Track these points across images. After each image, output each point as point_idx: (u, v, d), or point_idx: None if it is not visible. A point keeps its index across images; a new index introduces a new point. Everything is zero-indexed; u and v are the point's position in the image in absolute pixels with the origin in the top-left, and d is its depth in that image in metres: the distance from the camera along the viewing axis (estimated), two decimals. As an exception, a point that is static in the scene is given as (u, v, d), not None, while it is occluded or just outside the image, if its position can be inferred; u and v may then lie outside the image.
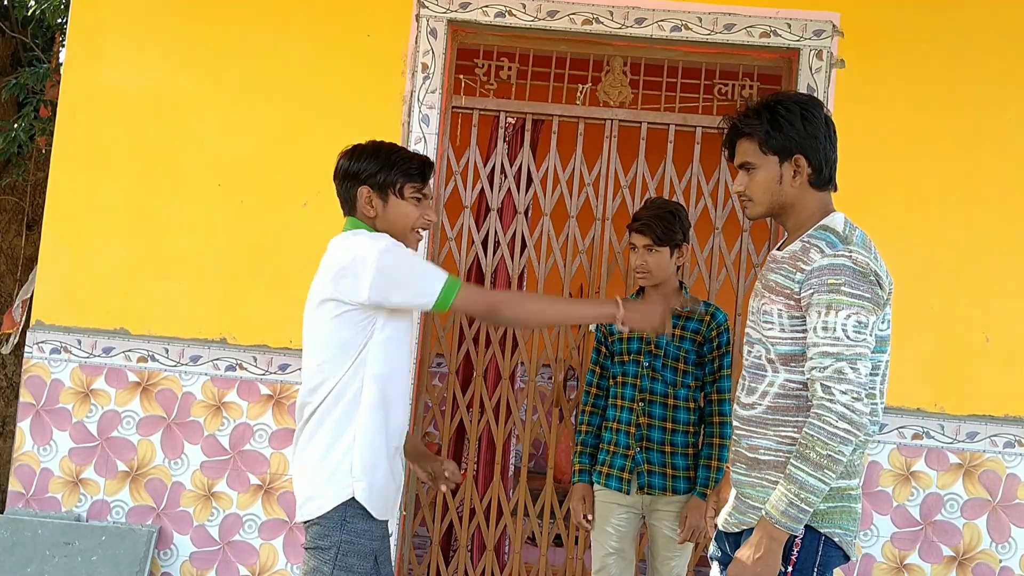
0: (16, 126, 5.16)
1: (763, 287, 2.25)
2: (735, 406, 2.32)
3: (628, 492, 3.16)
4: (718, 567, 2.36)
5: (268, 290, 3.70)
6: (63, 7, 5.18)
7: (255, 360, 3.71)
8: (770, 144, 2.20)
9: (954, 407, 3.61)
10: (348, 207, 2.51)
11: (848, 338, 2.06)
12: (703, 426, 3.22)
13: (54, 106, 4.29)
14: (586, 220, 3.92)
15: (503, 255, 3.97)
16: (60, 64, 4.66)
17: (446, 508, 3.93)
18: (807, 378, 2.11)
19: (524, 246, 3.97)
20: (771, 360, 2.20)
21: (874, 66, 3.69)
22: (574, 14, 3.75)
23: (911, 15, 3.71)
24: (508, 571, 3.93)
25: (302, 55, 3.76)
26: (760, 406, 2.21)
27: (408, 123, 3.72)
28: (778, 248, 2.30)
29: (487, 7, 3.76)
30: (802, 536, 2.11)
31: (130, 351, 3.72)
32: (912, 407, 3.61)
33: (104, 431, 3.71)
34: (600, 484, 3.23)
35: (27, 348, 3.73)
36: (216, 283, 3.72)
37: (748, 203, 2.28)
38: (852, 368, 2.05)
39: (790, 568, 2.10)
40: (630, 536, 3.22)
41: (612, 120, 3.91)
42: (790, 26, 3.70)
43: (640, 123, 3.92)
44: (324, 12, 3.77)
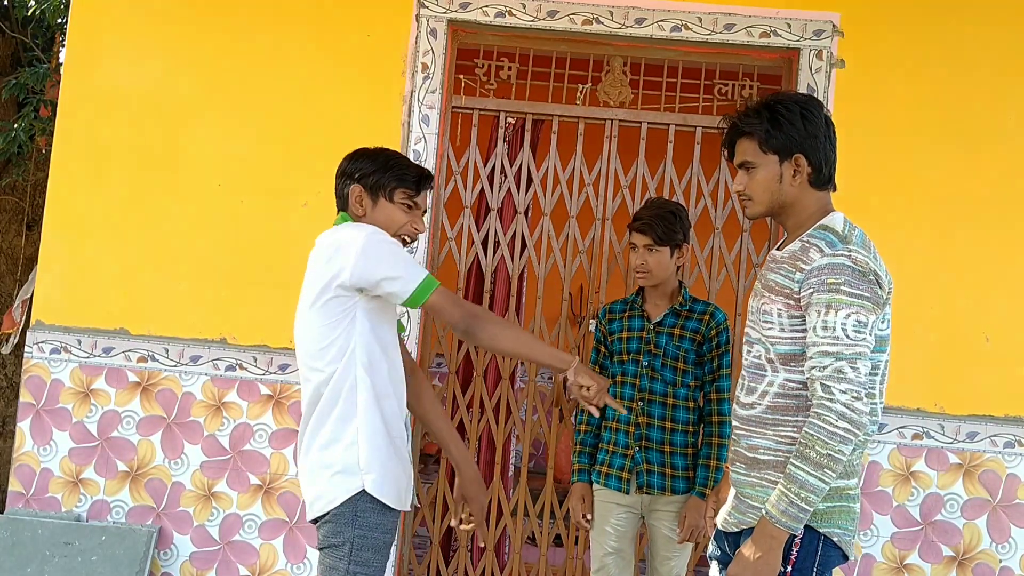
0: (16, 126, 5.16)
1: (763, 287, 2.25)
2: (734, 405, 2.32)
3: (627, 492, 3.16)
4: (717, 566, 2.36)
5: (268, 290, 3.70)
6: (63, 7, 5.18)
7: (255, 360, 3.71)
8: (770, 143, 2.21)
9: (954, 407, 3.61)
10: (341, 203, 2.57)
11: (848, 337, 2.06)
12: (702, 426, 3.22)
13: (54, 106, 4.29)
14: (586, 220, 3.92)
15: (503, 255, 3.97)
16: (60, 64, 4.67)
17: (446, 508, 3.93)
18: (807, 377, 2.12)
19: (524, 246, 3.97)
20: (771, 360, 2.20)
21: (874, 66, 3.69)
22: (574, 14, 3.75)
23: (911, 15, 3.71)
24: (508, 571, 3.93)
25: (302, 55, 3.77)
26: (760, 406, 2.22)
27: (408, 123, 3.73)
28: (777, 248, 2.30)
29: (487, 7, 3.76)
30: (801, 536, 2.11)
31: (130, 351, 3.72)
32: (912, 407, 3.61)
33: (104, 431, 3.71)
34: (599, 484, 3.22)
35: (27, 348, 3.73)
36: (216, 283, 3.73)
37: (748, 202, 2.28)
38: (852, 367, 2.05)
39: (789, 568, 2.10)
40: (629, 536, 3.21)
41: (612, 120, 3.91)
42: (790, 26, 3.70)
43: (640, 123, 3.92)
44: (324, 12, 3.77)
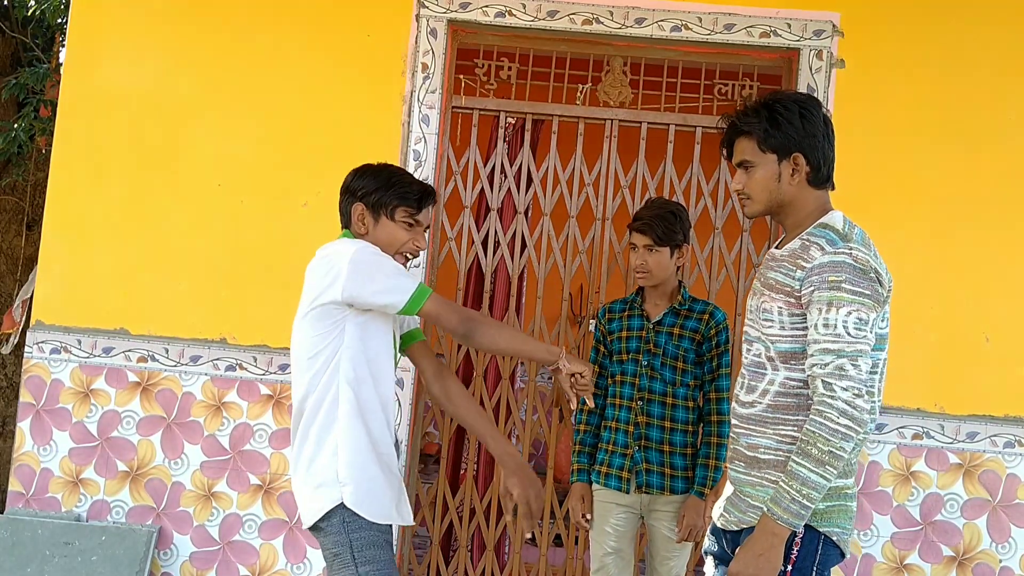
0: (16, 126, 5.16)
1: (762, 285, 2.26)
2: (734, 404, 2.32)
3: (627, 491, 3.16)
4: (713, 562, 2.37)
5: (268, 290, 3.70)
6: (63, 7, 5.18)
7: (255, 360, 3.71)
8: (769, 142, 2.22)
9: (954, 407, 3.61)
10: (344, 221, 2.60)
11: (849, 335, 2.07)
12: (701, 425, 3.22)
13: (54, 106, 4.29)
14: (586, 220, 3.92)
15: (503, 255, 3.97)
16: (60, 64, 4.67)
17: (446, 508, 3.93)
18: (808, 375, 2.12)
19: (524, 246, 3.97)
20: (771, 358, 2.21)
21: (874, 66, 3.69)
22: (574, 14, 3.75)
23: (911, 15, 3.71)
24: (508, 571, 3.93)
25: (302, 55, 3.77)
26: (760, 404, 2.22)
27: (408, 123, 3.73)
28: (776, 246, 2.31)
29: (487, 7, 3.76)
30: (802, 535, 2.12)
31: (130, 351, 3.72)
32: (912, 407, 3.61)
33: (104, 431, 3.71)
34: (599, 483, 3.22)
35: (27, 348, 3.73)
36: (216, 283, 3.73)
37: (747, 201, 2.29)
38: (853, 364, 2.06)
39: (790, 567, 2.11)
40: (628, 536, 3.21)
41: (612, 120, 3.91)
42: (790, 26, 3.70)
43: (640, 123, 3.92)
44: (324, 12, 3.77)
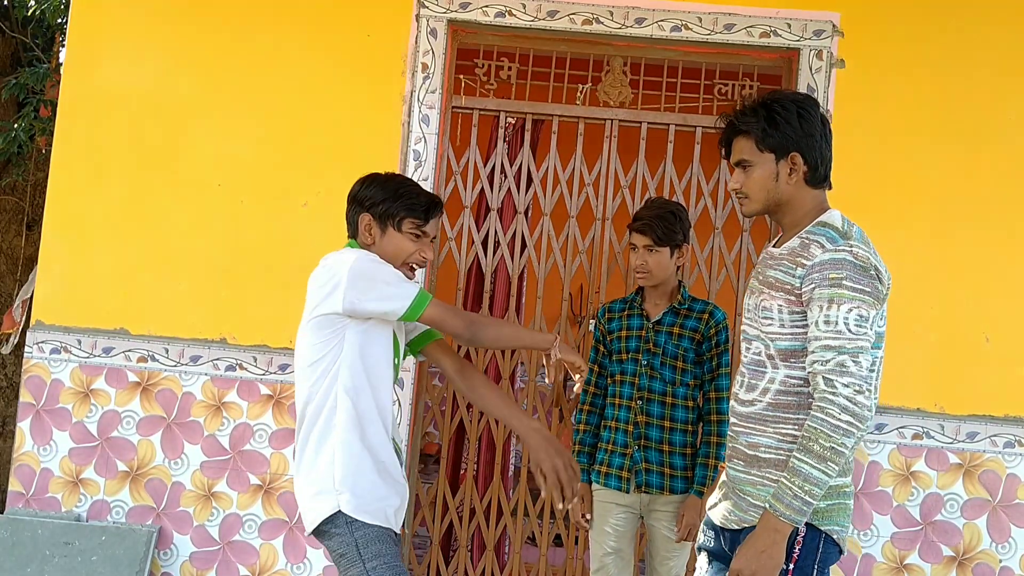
0: (16, 126, 5.16)
1: (761, 283, 2.27)
2: (733, 402, 2.33)
3: (627, 491, 3.16)
4: (707, 558, 2.37)
5: (268, 290, 3.70)
6: (63, 7, 5.18)
7: (255, 360, 3.71)
8: (767, 142, 2.23)
9: (954, 407, 3.61)
10: (351, 230, 2.60)
11: (850, 332, 2.08)
12: (701, 424, 3.22)
13: (54, 106, 4.30)
14: (586, 220, 3.92)
15: (503, 255, 3.97)
16: (60, 64, 4.67)
17: (446, 508, 3.93)
18: (808, 372, 2.13)
19: (524, 246, 3.97)
20: (771, 356, 2.22)
21: (874, 66, 3.69)
22: (574, 14, 3.75)
23: (911, 15, 3.71)
24: (508, 571, 3.93)
25: (302, 55, 3.77)
26: (760, 403, 2.23)
27: (408, 123, 3.73)
28: (774, 245, 2.32)
29: (487, 7, 3.76)
30: (804, 534, 2.13)
31: (130, 351, 3.72)
32: (912, 407, 3.61)
33: (104, 431, 3.71)
34: (599, 483, 3.22)
35: (27, 348, 3.73)
36: (216, 283, 3.73)
37: (744, 200, 2.30)
38: (854, 361, 2.07)
39: (792, 566, 2.12)
40: (628, 536, 3.21)
41: (612, 120, 3.91)
42: (790, 26, 3.70)
43: (640, 123, 3.92)
44: (324, 12, 3.77)
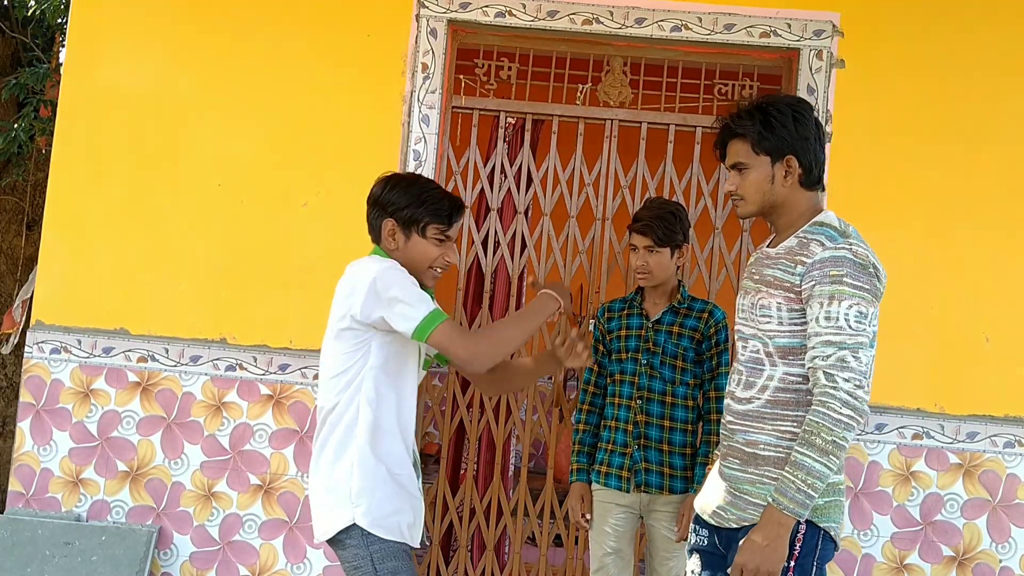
0: (16, 126, 5.17)
1: (758, 282, 2.30)
2: (728, 401, 2.35)
3: (627, 490, 3.16)
4: (699, 559, 2.37)
5: (268, 290, 3.70)
6: (63, 7, 5.19)
7: (255, 360, 3.71)
8: (763, 145, 2.27)
9: (954, 407, 3.61)
10: (373, 235, 2.57)
11: (850, 327, 2.11)
12: (701, 424, 3.22)
13: (54, 106, 4.29)
14: (586, 220, 3.92)
15: (503, 255, 3.97)
16: (60, 64, 4.67)
17: (446, 508, 3.93)
18: (808, 367, 2.16)
19: (524, 246, 3.97)
20: (769, 353, 2.25)
21: (874, 66, 3.68)
22: (574, 14, 3.75)
23: (911, 15, 3.71)
24: (508, 571, 3.93)
25: (302, 55, 3.76)
26: (759, 400, 2.26)
27: (408, 123, 3.73)
28: (768, 245, 2.35)
29: (487, 7, 3.76)
30: (804, 532, 2.16)
31: (130, 351, 3.72)
32: (912, 407, 3.61)
33: (104, 431, 3.71)
34: (599, 483, 3.22)
35: (27, 348, 3.73)
36: (216, 283, 3.73)
37: (740, 202, 2.35)
38: (854, 356, 2.10)
39: (792, 563, 2.14)
40: (628, 536, 3.21)
41: (612, 120, 3.91)
42: (790, 26, 3.70)
43: (640, 123, 3.92)
44: (324, 12, 3.77)
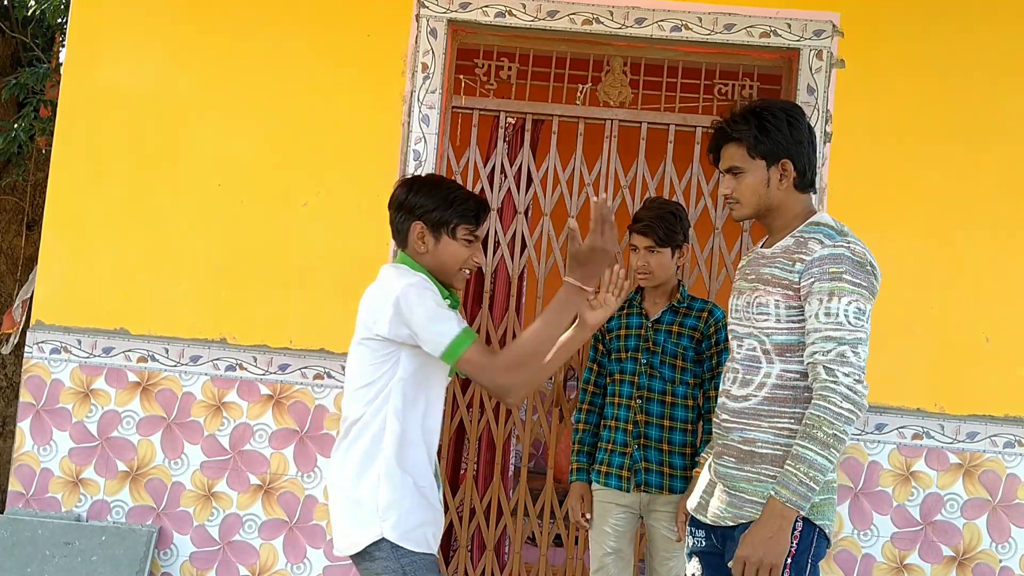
0: (16, 126, 5.17)
1: (753, 281, 2.33)
2: (723, 399, 2.37)
3: (627, 490, 3.16)
4: (698, 561, 2.38)
5: (268, 290, 3.70)
6: (63, 7, 5.19)
7: (255, 360, 3.71)
8: (758, 149, 2.31)
9: (954, 407, 3.61)
10: (399, 239, 2.50)
11: (849, 323, 2.14)
12: (700, 423, 3.21)
13: (54, 106, 4.30)
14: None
15: (503, 255, 3.97)
16: (60, 64, 4.67)
17: (446, 508, 3.92)
18: (808, 363, 2.19)
19: (524, 246, 3.97)
20: (766, 351, 2.28)
21: (874, 66, 3.68)
22: (574, 14, 3.75)
23: (911, 15, 3.71)
24: (508, 571, 3.93)
25: (302, 55, 3.76)
26: (756, 397, 2.28)
27: (408, 123, 3.73)
28: (763, 246, 2.39)
29: (487, 7, 3.76)
30: (800, 529, 2.17)
31: (130, 351, 3.72)
32: (912, 407, 3.61)
33: (104, 431, 3.71)
34: (599, 483, 3.22)
35: (27, 348, 3.73)
36: (216, 283, 3.73)
37: (735, 205, 2.38)
38: (853, 352, 2.14)
39: (789, 560, 2.16)
40: (628, 536, 3.21)
41: (612, 120, 3.91)
42: (790, 26, 3.70)
43: (640, 123, 3.92)
44: (324, 12, 3.77)
